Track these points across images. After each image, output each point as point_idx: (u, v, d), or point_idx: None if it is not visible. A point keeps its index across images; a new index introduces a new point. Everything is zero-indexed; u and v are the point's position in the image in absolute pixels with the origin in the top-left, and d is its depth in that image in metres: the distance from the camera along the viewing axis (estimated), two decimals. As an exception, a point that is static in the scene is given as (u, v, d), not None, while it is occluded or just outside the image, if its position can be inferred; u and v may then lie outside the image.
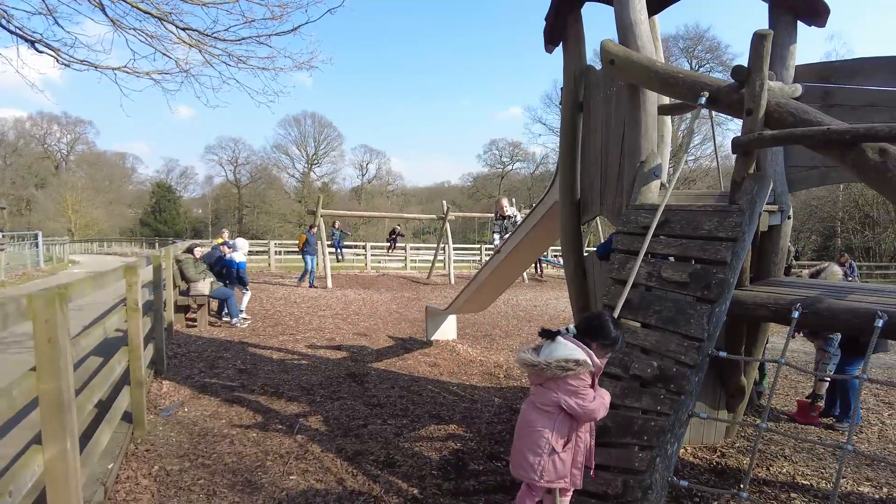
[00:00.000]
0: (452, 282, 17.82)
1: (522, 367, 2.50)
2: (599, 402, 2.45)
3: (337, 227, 20.31)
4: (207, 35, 6.61)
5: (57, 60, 6.11)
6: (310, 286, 14.78)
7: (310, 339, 8.40)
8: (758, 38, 2.84)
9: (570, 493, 2.69)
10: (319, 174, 57.22)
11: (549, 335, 2.46)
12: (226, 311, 9.24)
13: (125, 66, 6.55)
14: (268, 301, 11.78)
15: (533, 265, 20.28)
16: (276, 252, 21.88)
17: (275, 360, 7.03)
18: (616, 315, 3.02)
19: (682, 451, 4.19)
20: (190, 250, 9.34)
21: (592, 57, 5.37)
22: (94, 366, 3.56)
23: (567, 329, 2.49)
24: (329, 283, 15.01)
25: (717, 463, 4.09)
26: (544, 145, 49.82)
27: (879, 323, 2.54)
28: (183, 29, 6.51)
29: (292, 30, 6.39)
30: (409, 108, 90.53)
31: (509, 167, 54.54)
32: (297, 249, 15.27)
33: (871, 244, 32.07)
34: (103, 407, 3.65)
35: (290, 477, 3.69)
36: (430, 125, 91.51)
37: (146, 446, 4.03)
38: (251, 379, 6.05)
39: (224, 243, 10.32)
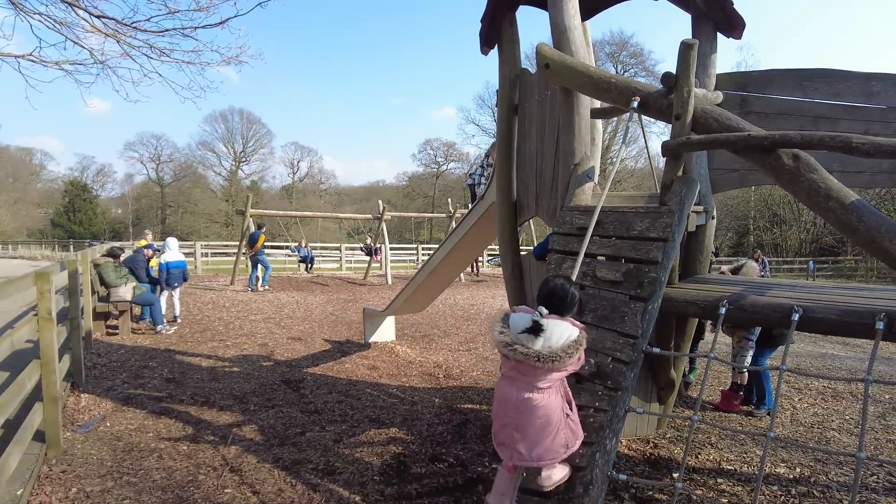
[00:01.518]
0: (390, 282, 17.71)
1: (516, 355, 2.28)
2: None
3: (304, 245, 19.74)
4: (126, 24, 6.22)
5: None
6: (262, 287, 14.51)
7: (241, 344, 8.09)
8: (685, 48, 2.97)
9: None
10: (248, 172, 55.30)
11: (536, 330, 2.30)
12: (149, 317, 8.78)
13: (30, 55, 6.06)
14: (195, 306, 11.27)
15: (470, 266, 20.49)
16: (202, 254, 20.97)
17: (204, 367, 6.72)
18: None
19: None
20: (111, 253, 8.79)
21: (531, 51, 5.44)
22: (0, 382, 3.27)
23: (540, 313, 2.33)
24: (252, 286, 14.53)
25: (651, 454, 4.26)
26: (477, 146, 50.36)
27: (796, 317, 2.72)
28: (97, 17, 6.09)
29: (220, 23, 6.11)
30: (341, 105, 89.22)
31: (444, 167, 54.78)
32: (252, 252, 14.72)
33: (779, 241, 34.59)
34: (11, 427, 3.36)
35: (225, 490, 3.53)
36: (363, 123, 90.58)
37: (62, 467, 3.74)
38: (180, 389, 5.76)
39: (148, 246, 9.76)
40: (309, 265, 18.94)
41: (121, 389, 5.59)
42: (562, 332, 2.32)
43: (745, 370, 5.32)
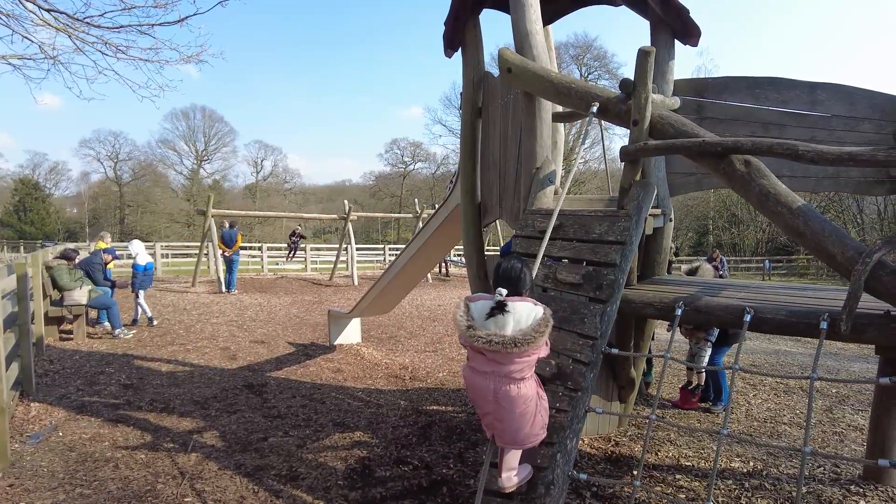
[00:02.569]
0: (356, 283, 17.57)
1: (492, 347, 2.25)
2: None
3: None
4: (78, 19, 6.00)
5: None
6: (232, 290, 14.32)
7: (203, 348, 7.92)
8: (642, 55, 3.04)
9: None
10: (210, 171, 54.00)
11: (501, 308, 2.30)
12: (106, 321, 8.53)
13: (-28, 48, 5.78)
14: (155, 309, 10.94)
15: (438, 266, 20.58)
16: (163, 255, 20.43)
17: (164, 372, 6.55)
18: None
19: (579, 442, 4.41)
20: (64, 256, 8.48)
21: (494, 55, 5.48)
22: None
23: (500, 293, 2.33)
24: (224, 288, 14.26)
25: (612, 452, 4.35)
26: (445, 146, 50.45)
27: (747, 318, 2.82)
28: (47, 10, 5.86)
29: (178, 21, 5.95)
30: (307, 104, 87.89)
31: (411, 167, 54.61)
32: (230, 252, 14.50)
33: (737, 241, 35.72)
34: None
35: (185, 499, 3.46)
36: (329, 122, 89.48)
37: (9, 480, 3.60)
38: (138, 395, 5.60)
39: (108, 251, 9.45)
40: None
41: (75, 397, 5.40)
42: (528, 310, 2.32)
43: (702, 370, 5.48)
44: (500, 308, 2.29)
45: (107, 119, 74.69)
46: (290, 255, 20.88)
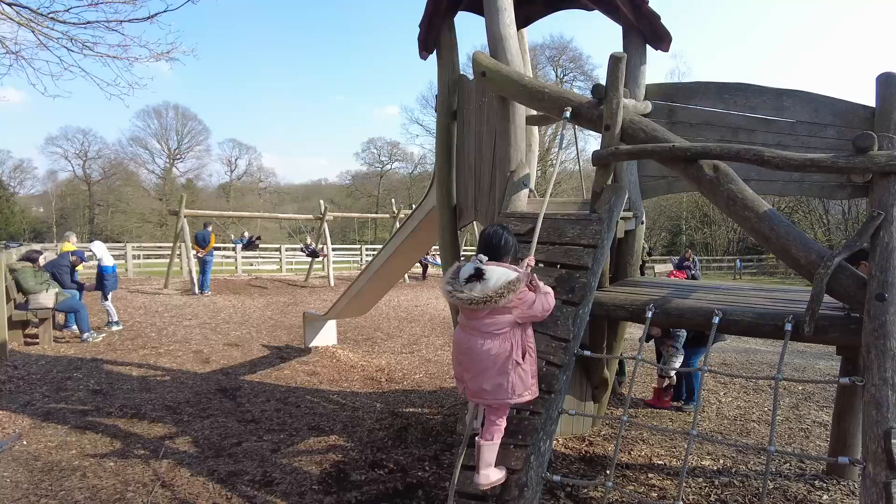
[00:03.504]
0: (332, 284, 17.42)
1: (464, 305, 2.42)
2: (543, 297, 2.54)
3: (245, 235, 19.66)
4: (42, 14, 5.84)
5: None
6: (206, 292, 14.09)
7: (175, 352, 7.77)
8: (614, 61, 3.08)
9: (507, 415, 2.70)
10: (183, 170, 52.97)
11: (479, 276, 2.42)
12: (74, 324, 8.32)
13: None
14: (126, 311, 10.72)
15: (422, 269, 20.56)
16: (134, 256, 19.99)
17: (135, 377, 6.41)
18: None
19: (554, 442, 4.45)
20: (28, 258, 8.24)
21: (470, 57, 5.46)
22: None
23: (479, 259, 2.48)
24: (197, 290, 14.03)
25: (586, 451, 4.40)
26: (422, 146, 50.27)
27: (716, 319, 2.88)
28: (9, 4, 5.69)
29: (148, 17, 5.83)
30: (282, 101, 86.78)
31: (388, 166, 54.39)
32: (203, 253, 14.28)
33: (709, 240, 36.42)
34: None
35: (155, 508, 3.40)
36: (304, 120, 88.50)
37: (-29, 492, 3.49)
38: (107, 400, 5.47)
39: (75, 253, 9.21)
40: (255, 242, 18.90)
41: (40, 404, 5.26)
42: (500, 275, 2.40)
43: (671, 374, 5.59)
44: (477, 275, 2.42)
45: (75, 116, 72.77)
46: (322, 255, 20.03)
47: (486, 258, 2.49)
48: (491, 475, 2.61)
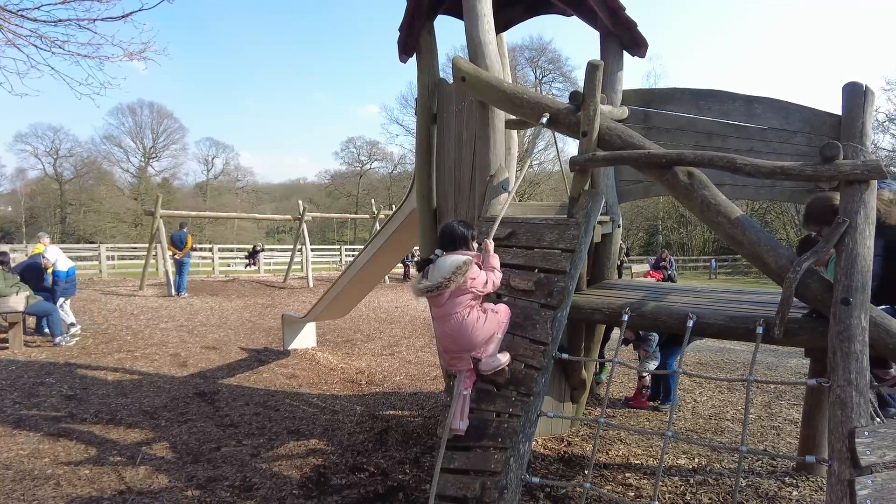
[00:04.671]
0: (311, 285, 17.30)
1: (423, 295, 2.73)
2: (492, 275, 2.90)
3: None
4: (10, 11, 5.70)
5: None
6: (182, 294, 13.90)
7: (151, 355, 7.65)
8: (591, 68, 3.13)
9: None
10: (158, 169, 52.02)
11: (427, 262, 2.77)
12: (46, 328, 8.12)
13: None
14: (100, 314, 10.53)
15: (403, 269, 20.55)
16: (108, 257, 19.62)
17: (110, 381, 6.31)
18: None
19: (533, 443, 4.51)
20: (-2, 260, 8.04)
21: (451, 57, 5.47)
22: None
23: (436, 254, 2.78)
24: (173, 291, 13.83)
25: (565, 452, 4.46)
26: (401, 146, 50.18)
27: (690, 323, 2.95)
28: (-26, 1, 5.55)
29: (122, 16, 5.73)
30: (260, 99, 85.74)
31: (368, 166, 54.12)
32: (180, 255, 14.09)
33: (686, 240, 37.01)
34: None
35: (131, 517, 3.36)
36: (283, 119, 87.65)
37: (-61, 503, 3.41)
38: (82, 406, 5.37)
39: (44, 255, 9.00)
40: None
41: (11, 411, 5.14)
42: (450, 262, 2.70)
43: (645, 375, 5.70)
44: (430, 262, 2.76)
45: (46, 113, 71.15)
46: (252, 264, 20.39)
47: (442, 252, 2.79)
48: (495, 361, 2.87)
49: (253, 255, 20.12)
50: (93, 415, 5.15)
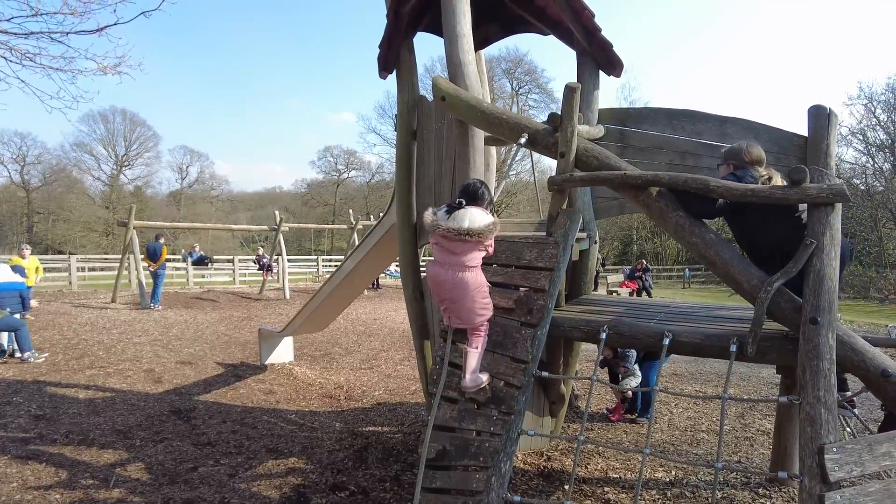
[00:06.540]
0: (287, 296, 17.11)
1: (444, 234, 2.85)
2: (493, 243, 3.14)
3: (197, 249, 18.26)
4: (-22, 24, 5.60)
5: None
6: (155, 306, 13.61)
7: (125, 371, 7.49)
8: (568, 91, 3.19)
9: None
10: (131, 177, 51.02)
11: (459, 206, 2.90)
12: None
13: None
14: (70, 328, 10.26)
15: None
16: (79, 269, 19.16)
17: (82, 400, 6.15)
18: (450, 338, 3.17)
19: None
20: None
21: (429, 68, 5.51)
22: None
23: (460, 201, 2.92)
24: (148, 302, 13.56)
25: (545, 466, 4.49)
26: (379, 155, 50.10)
27: (666, 341, 3.01)
28: (-59, 12, 5.44)
29: (97, 30, 5.67)
30: (233, 106, 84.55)
31: (345, 175, 53.87)
32: (154, 267, 13.82)
33: (660, 250, 37.61)
34: None
35: (104, 543, 3.28)
36: (258, 126, 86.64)
37: None
38: (51, 426, 5.23)
39: (14, 269, 8.75)
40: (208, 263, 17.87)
41: (-24, 432, 5.00)
42: (481, 213, 2.91)
43: (626, 391, 5.77)
44: (457, 205, 2.89)
45: (12, 119, 69.22)
46: (270, 274, 19.03)
47: (465, 202, 2.92)
48: (477, 379, 2.98)
49: (200, 262, 19.15)
50: (63, 435, 5.03)
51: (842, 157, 28.23)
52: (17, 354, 7.77)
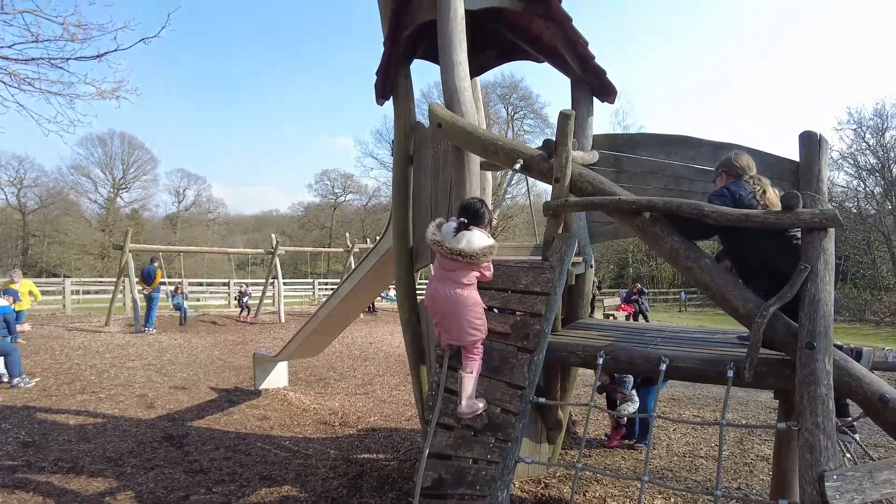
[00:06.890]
0: (283, 320, 17.01)
1: (441, 250, 2.94)
2: (491, 267, 3.22)
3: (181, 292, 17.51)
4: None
5: None
6: (150, 329, 13.48)
7: (117, 396, 7.40)
8: (563, 118, 3.24)
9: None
10: (128, 200, 51.02)
11: (464, 226, 2.95)
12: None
13: None
14: (62, 352, 10.16)
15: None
16: (73, 291, 19.03)
17: (72, 426, 6.06)
18: (446, 363, 3.16)
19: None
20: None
21: (425, 93, 5.58)
22: None
23: (462, 221, 2.98)
24: (141, 326, 13.46)
25: (542, 494, 4.42)
26: (376, 178, 50.33)
27: (663, 367, 3.00)
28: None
29: (97, 56, 5.74)
30: (232, 130, 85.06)
31: (342, 198, 54.01)
32: (149, 290, 13.73)
33: (655, 273, 37.68)
34: None
35: (92, 575, 3.20)
36: (255, 150, 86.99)
37: None
38: (40, 454, 5.14)
39: (6, 292, 8.70)
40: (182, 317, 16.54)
41: (-37, 460, 4.91)
42: (481, 236, 2.96)
43: (623, 417, 5.73)
44: (463, 226, 2.96)
45: (10, 142, 69.30)
46: (246, 317, 18.46)
47: (466, 221, 2.98)
48: (473, 405, 2.99)
49: (240, 300, 18.57)
50: (52, 463, 4.93)
51: (833, 181, 28.57)
52: (5, 380, 7.66)
